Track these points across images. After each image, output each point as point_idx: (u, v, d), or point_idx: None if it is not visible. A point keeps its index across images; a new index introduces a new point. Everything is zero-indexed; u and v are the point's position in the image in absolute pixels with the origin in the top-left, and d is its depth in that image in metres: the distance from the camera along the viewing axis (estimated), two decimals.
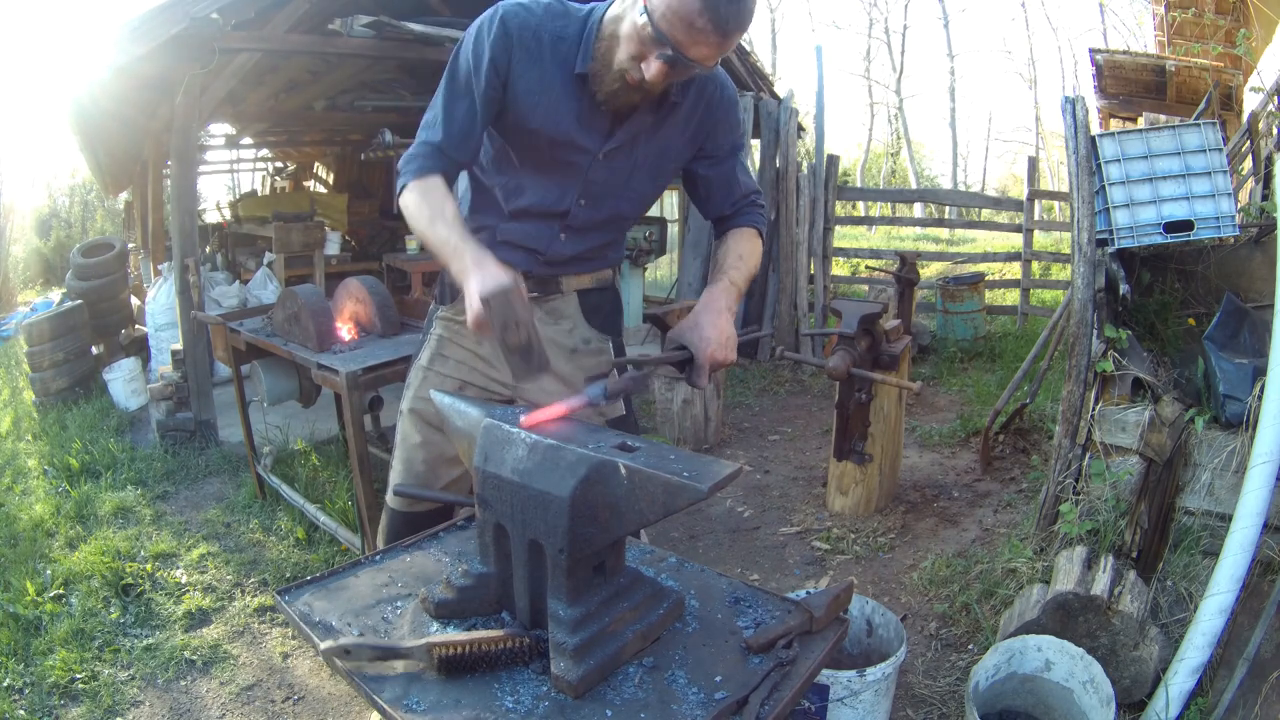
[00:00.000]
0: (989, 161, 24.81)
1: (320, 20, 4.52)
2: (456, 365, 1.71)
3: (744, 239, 1.63)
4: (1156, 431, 2.34)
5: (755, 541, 3.31)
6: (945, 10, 21.55)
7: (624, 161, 1.55)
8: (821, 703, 1.88)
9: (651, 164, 1.58)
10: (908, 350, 3.64)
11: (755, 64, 6.31)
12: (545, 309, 1.69)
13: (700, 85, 1.53)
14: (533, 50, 1.45)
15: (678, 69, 1.32)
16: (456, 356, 1.71)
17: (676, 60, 1.29)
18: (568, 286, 1.70)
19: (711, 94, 1.56)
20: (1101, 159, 2.66)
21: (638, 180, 1.59)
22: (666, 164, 1.60)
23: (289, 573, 3.03)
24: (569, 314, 1.71)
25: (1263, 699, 1.85)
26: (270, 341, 3.10)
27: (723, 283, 1.52)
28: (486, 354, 1.70)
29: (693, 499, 0.98)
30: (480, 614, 1.18)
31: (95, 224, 16.50)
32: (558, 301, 1.70)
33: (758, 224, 1.67)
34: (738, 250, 1.61)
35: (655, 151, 1.56)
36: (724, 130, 1.60)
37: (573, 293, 1.71)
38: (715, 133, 1.59)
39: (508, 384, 1.72)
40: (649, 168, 1.58)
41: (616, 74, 1.38)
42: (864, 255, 7.39)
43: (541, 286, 1.66)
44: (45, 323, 5.43)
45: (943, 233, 13.35)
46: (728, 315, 1.46)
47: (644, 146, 1.54)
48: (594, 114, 1.48)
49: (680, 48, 1.27)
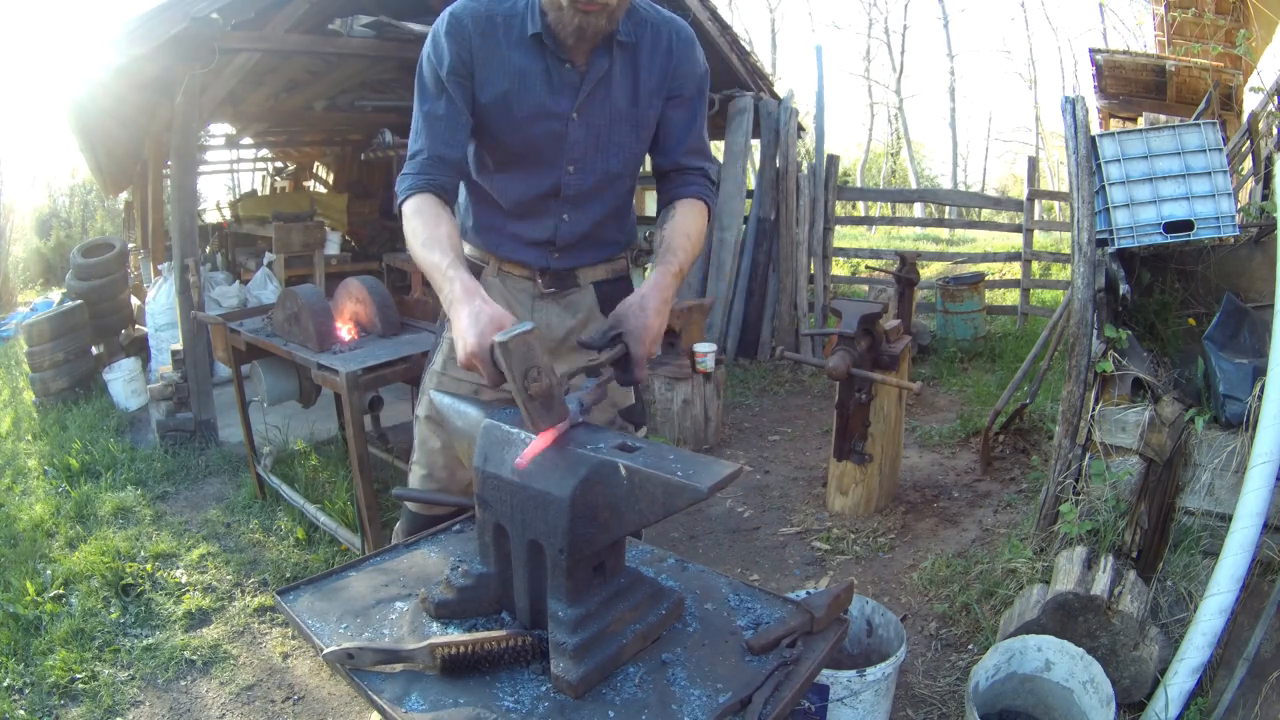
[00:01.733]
0: (989, 161, 24.84)
1: (320, 20, 4.52)
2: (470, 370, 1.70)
3: (694, 216, 1.58)
4: (1156, 431, 2.34)
5: (755, 541, 3.31)
6: (945, 10, 21.56)
7: (600, 114, 1.56)
8: (821, 703, 1.88)
9: (628, 109, 1.57)
10: (908, 350, 3.64)
11: (755, 64, 6.31)
12: (562, 304, 1.68)
13: (655, 29, 1.56)
14: (489, 35, 1.49)
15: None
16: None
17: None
18: (584, 279, 1.69)
19: (669, 36, 1.58)
20: (1101, 159, 2.66)
21: (619, 133, 1.58)
22: (642, 108, 1.58)
23: (289, 573, 3.03)
24: (585, 307, 1.71)
25: (1263, 699, 1.85)
26: (270, 341, 3.10)
27: (673, 269, 1.46)
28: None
29: (693, 499, 0.97)
30: (480, 614, 1.18)
31: (95, 224, 16.50)
32: (575, 295, 1.69)
33: (707, 198, 1.63)
34: (686, 229, 1.55)
35: (628, 95, 1.56)
36: (686, 68, 1.60)
37: (589, 285, 1.70)
38: (679, 72, 1.59)
39: None
40: (627, 116, 1.58)
41: (569, 10, 1.40)
42: (864, 255, 7.39)
43: (559, 281, 1.66)
44: (45, 323, 5.43)
45: (943, 233, 13.34)
46: (664, 309, 1.39)
47: (617, 91, 1.55)
48: (559, 76, 1.51)
49: None
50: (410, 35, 4.53)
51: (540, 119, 1.52)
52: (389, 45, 4.57)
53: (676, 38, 1.58)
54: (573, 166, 1.58)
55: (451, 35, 1.48)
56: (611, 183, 1.64)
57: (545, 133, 1.54)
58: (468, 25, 1.48)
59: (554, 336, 1.69)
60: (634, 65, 1.55)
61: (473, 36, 1.48)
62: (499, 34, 1.49)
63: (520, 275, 1.66)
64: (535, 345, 1.10)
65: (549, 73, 1.50)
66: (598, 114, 1.55)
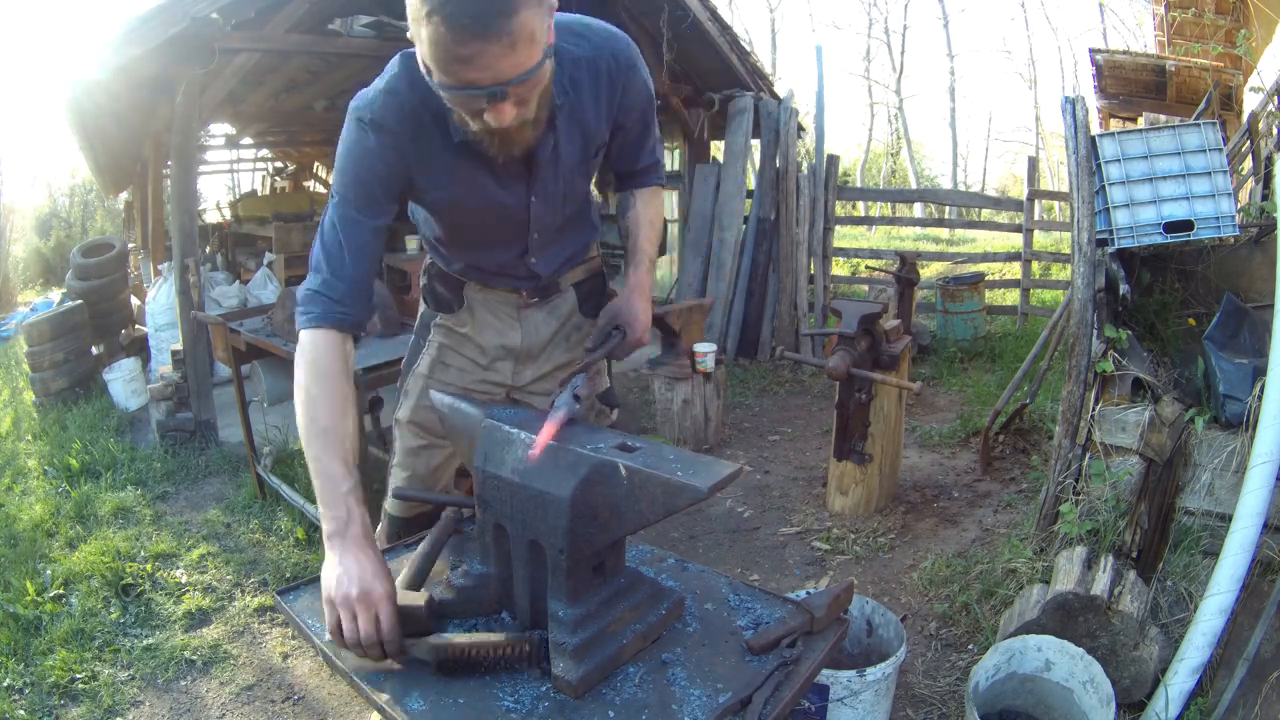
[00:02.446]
0: (989, 161, 24.84)
1: (320, 20, 4.53)
2: (459, 373, 1.71)
3: (652, 202, 1.68)
4: (1156, 431, 2.34)
5: (755, 541, 3.31)
6: (945, 10, 21.56)
7: (555, 184, 1.48)
8: (821, 703, 1.88)
9: (579, 162, 1.51)
10: (908, 350, 3.64)
11: (755, 64, 6.31)
12: (547, 309, 1.71)
13: (591, 65, 1.39)
14: (421, 138, 1.31)
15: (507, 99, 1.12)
16: (458, 365, 1.71)
17: (497, 93, 1.10)
18: (565, 283, 1.72)
19: (606, 67, 1.41)
20: (1101, 159, 2.66)
21: (574, 185, 1.54)
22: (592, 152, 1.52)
23: (289, 573, 3.03)
24: (567, 309, 1.74)
25: (1263, 699, 1.85)
26: (270, 341, 3.10)
27: (645, 264, 1.62)
28: (489, 361, 1.71)
29: (693, 499, 0.98)
30: (480, 614, 1.18)
31: (95, 224, 16.51)
32: (557, 299, 1.72)
33: (660, 180, 1.71)
34: (648, 217, 1.66)
35: (578, 150, 1.48)
36: (634, 94, 1.50)
37: (569, 288, 1.73)
38: (626, 101, 1.49)
39: (508, 387, 1.74)
40: (579, 167, 1.52)
41: (488, 137, 1.23)
42: (864, 255, 7.39)
43: (542, 292, 1.68)
44: (45, 323, 5.43)
45: (943, 233, 13.34)
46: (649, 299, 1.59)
47: (565, 157, 1.44)
48: (506, 170, 1.38)
49: (474, 83, 1.08)
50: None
51: (496, 213, 1.45)
52: (389, 45, 4.57)
53: (615, 65, 1.42)
54: (537, 234, 1.55)
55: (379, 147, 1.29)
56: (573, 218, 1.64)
57: (504, 221, 1.49)
58: (395, 130, 1.29)
59: (540, 340, 1.71)
60: (579, 116, 1.41)
61: (405, 144, 1.31)
62: (432, 134, 1.31)
63: (503, 290, 1.67)
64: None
65: (494, 169, 1.37)
66: (553, 186, 1.47)
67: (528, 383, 1.74)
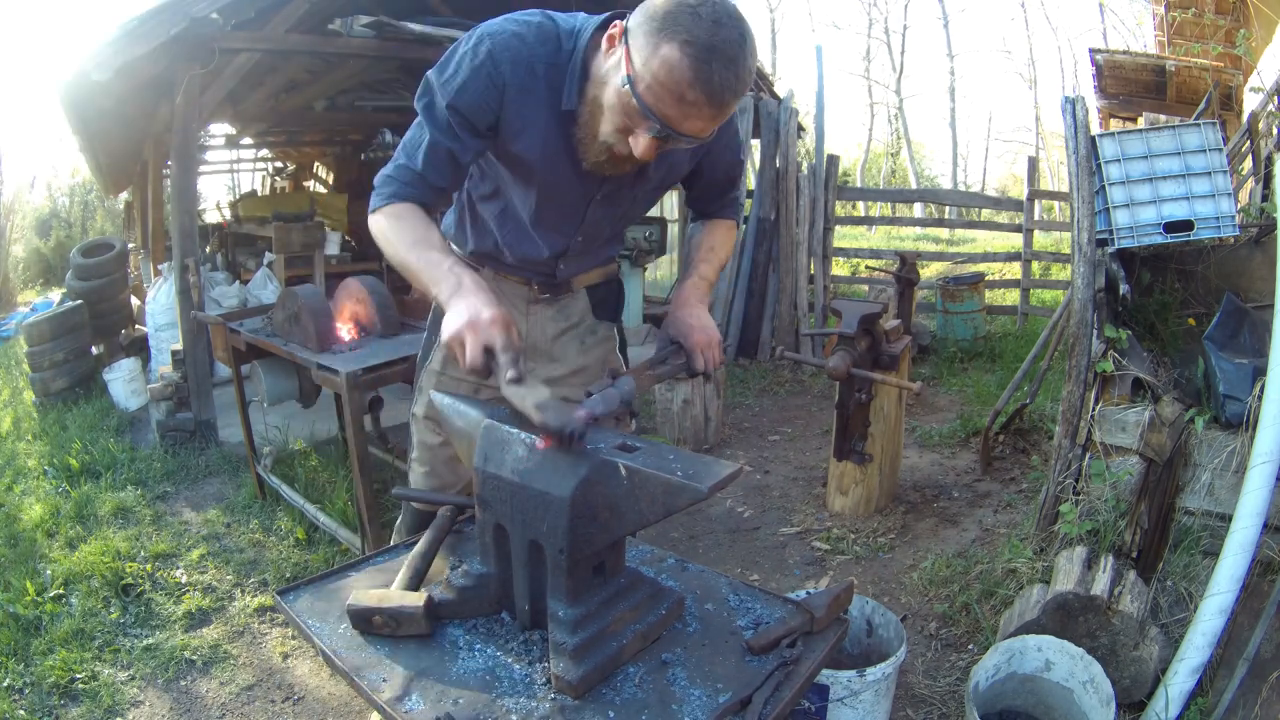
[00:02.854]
0: (989, 161, 24.86)
1: (320, 20, 4.52)
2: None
3: (719, 231, 1.65)
4: (1156, 431, 2.34)
5: (755, 541, 3.31)
6: (945, 10, 21.56)
7: (626, 197, 1.48)
8: (821, 703, 1.88)
9: (651, 192, 1.53)
10: (908, 350, 3.64)
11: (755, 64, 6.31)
12: (556, 307, 1.71)
13: None
14: (527, 85, 1.30)
15: (669, 143, 1.18)
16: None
17: (667, 135, 1.15)
18: (578, 285, 1.72)
19: None
20: (1101, 159, 2.66)
21: (639, 206, 1.57)
22: (668, 183, 1.55)
23: (289, 573, 3.03)
24: (578, 311, 1.74)
25: (1263, 699, 1.85)
26: (270, 341, 3.10)
27: (693, 278, 1.55)
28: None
29: (693, 499, 0.98)
30: (480, 614, 1.18)
31: (95, 224, 16.51)
32: (568, 299, 1.72)
33: (735, 216, 1.69)
34: (709, 243, 1.62)
35: (658, 180, 1.49)
36: (723, 147, 1.52)
37: (582, 290, 1.73)
38: (714, 150, 1.51)
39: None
40: (652, 193, 1.55)
41: (602, 146, 1.26)
42: (864, 255, 7.39)
43: (553, 289, 1.68)
44: (45, 323, 5.43)
45: (943, 233, 13.34)
46: (700, 308, 1.48)
47: (649, 180, 1.46)
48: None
49: (670, 123, 1.13)
50: (410, 35, 4.53)
51: (559, 194, 1.44)
52: (389, 45, 4.57)
53: None
54: (582, 237, 1.55)
55: (484, 78, 1.29)
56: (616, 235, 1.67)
57: (563, 206, 1.47)
58: (505, 72, 1.28)
59: (546, 337, 1.72)
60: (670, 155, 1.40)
61: (508, 87, 1.30)
62: (539, 89, 1.30)
63: (516, 281, 1.67)
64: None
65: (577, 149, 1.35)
66: (624, 198, 1.48)
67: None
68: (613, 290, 1.79)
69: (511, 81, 1.29)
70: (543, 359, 1.72)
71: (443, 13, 5.47)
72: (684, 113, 1.12)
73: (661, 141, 1.18)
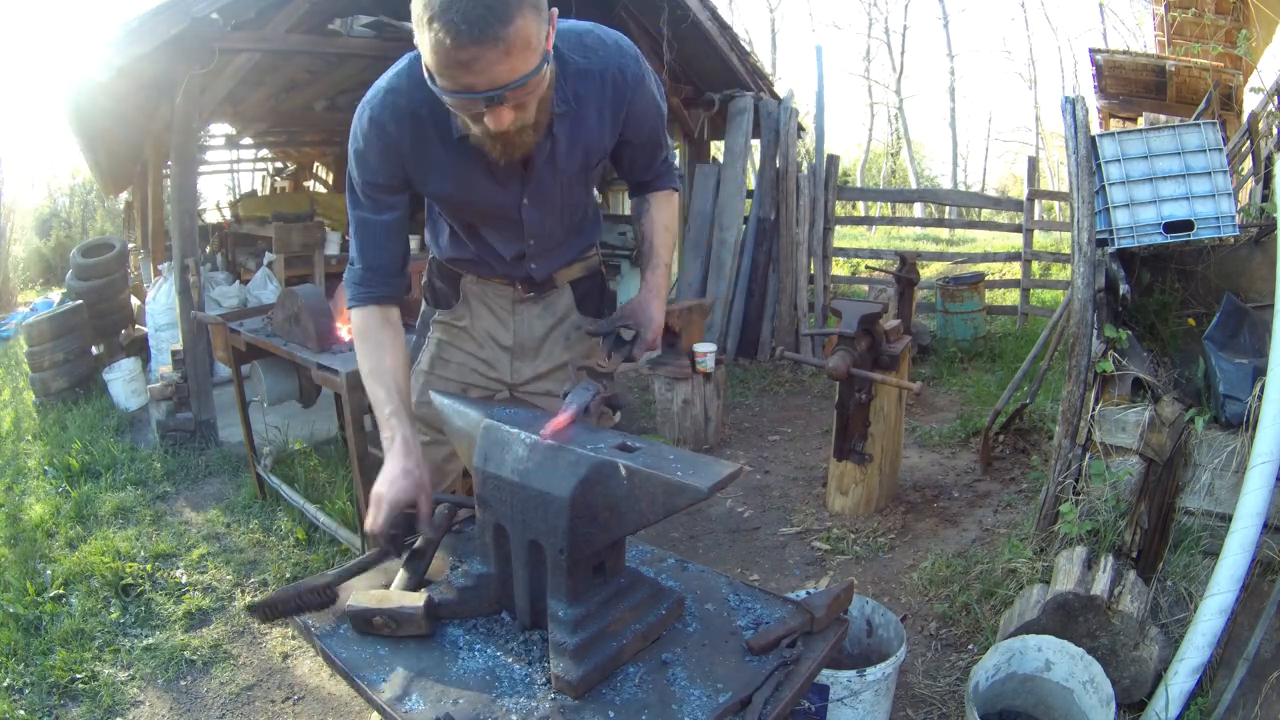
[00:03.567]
0: (989, 161, 24.83)
1: (320, 20, 4.52)
2: (458, 368, 1.72)
3: (665, 206, 1.67)
4: (1156, 431, 2.34)
5: (755, 542, 3.31)
6: (945, 10, 21.55)
7: (550, 189, 1.49)
8: (821, 703, 1.88)
9: (579, 173, 1.52)
10: (908, 350, 3.64)
11: (755, 64, 6.31)
12: (542, 304, 1.72)
13: (599, 79, 1.40)
14: (418, 137, 1.36)
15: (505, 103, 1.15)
16: (457, 360, 1.72)
17: (495, 98, 1.13)
18: (561, 280, 1.72)
19: (613, 81, 1.41)
20: (1101, 159, 2.66)
21: (572, 194, 1.56)
22: (592, 163, 1.53)
23: (289, 573, 3.03)
24: (563, 306, 1.74)
25: (1263, 699, 1.85)
26: (270, 341, 3.10)
27: (660, 268, 1.62)
28: (487, 356, 1.73)
29: (693, 499, 0.98)
30: (480, 614, 1.18)
31: (95, 224, 16.50)
32: (553, 296, 1.73)
33: (672, 182, 1.70)
34: (662, 221, 1.65)
35: (578, 163, 1.48)
36: (641, 111, 1.50)
37: (566, 285, 1.74)
38: (633, 117, 1.48)
39: (509, 384, 1.75)
40: (578, 177, 1.53)
41: (487, 140, 1.26)
42: (864, 255, 7.39)
43: (537, 287, 1.69)
44: (45, 323, 5.43)
45: (943, 233, 13.33)
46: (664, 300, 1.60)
47: (564, 164, 1.46)
48: (501, 169, 1.40)
49: (471, 88, 1.11)
50: (410, 35, 4.53)
51: (491, 212, 1.50)
52: (389, 45, 4.57)
53: (621, 79, 1.42)
54: (534, 240, 1.57)
55: (375, 142, 1.35)
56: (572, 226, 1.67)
57: (499, 218, 1.52)
58: (391, 131, 1.34)
59: (534, 336, 1.72)
60: (580, 127, 1.42)
61: (400, 142, 1.35)
62: (429, 133, 1.35)
63: (500, 283, 1.69)
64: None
65: (490, 168, 1.39)
66: (549, 191, 1.49)
67: (526, 380, 1.75)
68: (595, 284, 1.80)
69: (400, 135, 1.35)
70: (529, 357, 1.74)
71: None
72: (468, 70, 1.10)
73: (498, 107, 1.16)
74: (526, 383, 1.75)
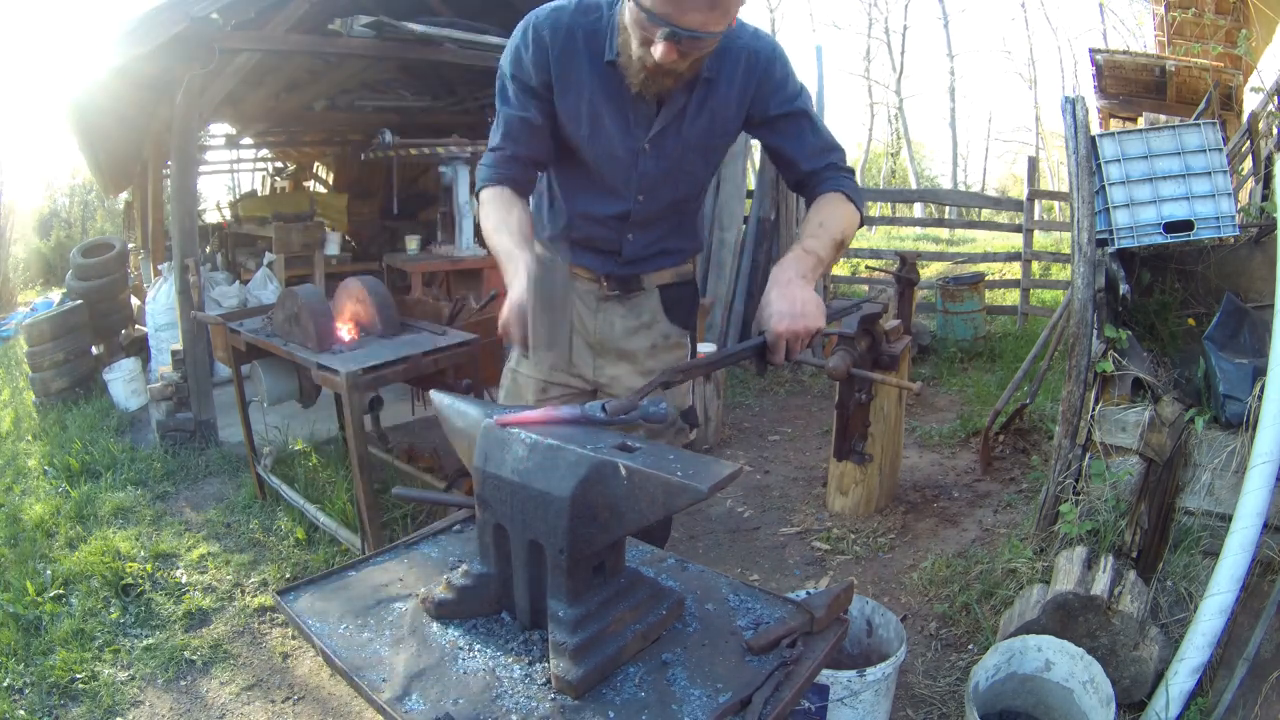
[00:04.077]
0: (989, 161, 24.83)
1: (320, 20, 4.52)
2: (536, 365, 1.73)
3: (827, 205, 1.53)
4: (1156, 431, 2.34)
5: (755, 542, 3.31)
6: (945, 10, 21.55)
7: (672, 146, 1.54)
8: (821, 703, 1.88)
9: (700, 142, 1.56)
10: (908, 350, 3.64)
11: None
12: (626, 306, 1.70)
13: (734, 51, 1.50)
14: (568, 51, 1.47)
15: (684, 44, 1.28)
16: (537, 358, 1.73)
17: (677, 35, 1.25)
18: (649, 283, 1.71)
19: (749, 57, 1.51)
20: (1101, 159, 2.66)
21: (689, 162, 1.58)
22: (716, 139, 1.59)
23: (289, 573, 3.03)
24: (650, 308, 1.72)
25: (1263, 699, 1.85)
26: (270, 341, 3.10)
27: (795, 251, 1.43)
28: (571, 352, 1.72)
29: (693, 499, 0.97)
30: (480, 614, 1.18)
31: (95, 224, 16.52)
32: (639, 298, 1.71)
33: (843, 188, 1.55)
34: (818, 219, 1.51)
35: (702, 129, 1.54)
36: (768, 90, 1.54)
37: (654, 288, 1.72)
38: (760, 94, 1.55)
39: (591, 380, 1.75)
40: (699, 147, 1.57)
41: (637, 63, 1.38)
42: (864, 255, 7.39)
43: (623, 285, 1.68)
44: (45, 323, 5.43)
45: (943, 233, 13.33)
46: (800, 283, 1.36)
47: (690, 126, 1.53)
48: (635, 103, 1.49)
49: (672, 20, 1.24)
50: (410, 35, 4.53)
51: (612, 146, 1.53)
52: (389, 45, 4.57)
53: (754, 59, 1.52)
54: (642, 196, 1.58)
55: (529, 47, 1.47)
56: (679, 206, 1.67)
57: (616, 160, 1.55)
58: (545, 38, 1.46)
59: (615, 336, 1.71)
60: (712, 96, 1.52)
61: (549, 50, 1.47)
62: (579, 51, 1.47)
63: (585, 278, 1.68)
64: (559, 282, 1.22)
65: (625, 101, 1.49)
66: (670, 146, 1.54)
67: (607, 382, 1.73)
68: (687, 292, 1.77)
69: (553, 44, 1.47)
70: (611, 357, 1.72)
71: (443, 13, 5.47)
72: (681, 8, 1.23)
73: (675, 44, 1.27)
74: (608, 385, 1.73)
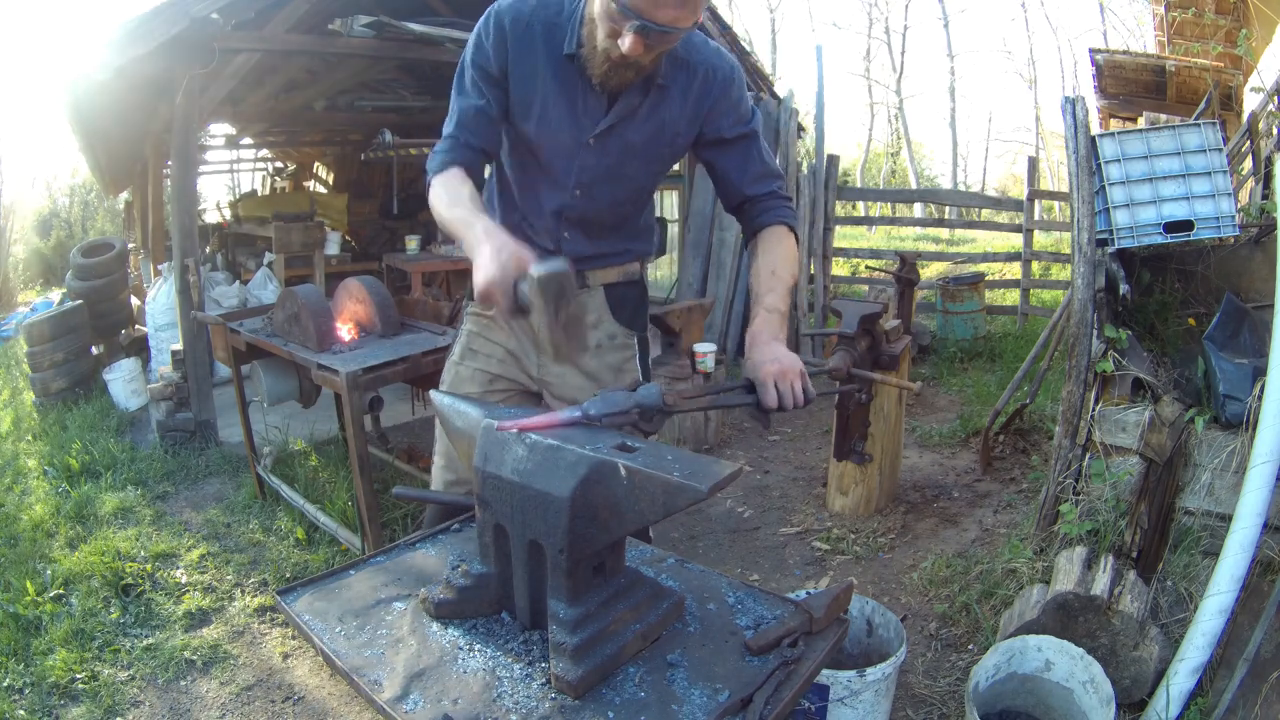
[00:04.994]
0: (989, 161, 24.82)
1: (320, 20, 4.52)
2: (486, 359, 1.73)
3: (773, 246, 1.57)
4: (1156, 431, 2.34)
5: (755, 541, 3.31)
6: (945, 10, 21.55)
7: (615, 145, 1.56)
8: (821, 703, 1.88)
9: (646, 148, 1.57)
10: (908, 350, 3.64)
11: (755, 64, 6.31)
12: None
13: (694, 66, 1.55)
14: (524, 42, 1.50)
15: (652, 38, 1.31)
16: (485, 350, 1.73)
17: (647, 29, 1.28)
18: (594, 281, 1.70)
19: (706, 73, 1.56)
20: (1101, 159, 2.66)
21: (630, 165, 1.59)
22: (663, 148, 1.60)
23: (289, 573, 3.03)
24: (594, 308, 1.72)
25: (1263, 699, 1.85)
26: (270, 341, 3.10)
27: (760, 316, 1.47)
28: (515, 349, 1.72)
29: (693, 499, 0.97)
30: (480, 614, 1.18)
31: (95, 224, 16.52)
32: (583, 296, 1.70)
33: (785, 219, 1.60)
34: (769, 266, 1.53)
35: (649, 134, 1.56)
36: (722, 109, 1.58)
37: (599, 287, 1.71)
38: (714, 113, 1.58)
39: (535, 377, 1.74)
40: (644, 153, 1.58)
41: (601, 55, 1.41)
42: (864, 255, 7.39)
43: None
44: (45, 323, 5.43)
45: (943, 233, 13.34)
46: (775, 343, 1.40)
47: (637, 129, 1.55)
48: (586, 98, 1.52)
49: (644, 15, 1.27)
50: (410, 35, 4.53)
51: (559, 135, 1.55)
52: (389, 45, 4.57)
53: (713, 77, 1.56)
54: (579, 191, 1.59)
55: (490, 34, 1.51)
56: (617, 209, 1.67)
57: (560, 148, 1.56)
58: (505, 26, 1.50)
59: None
60: (664, 104, 1.55)
61: (508, 39, 1.50)
62: (536, 43, 1.50)
63: None
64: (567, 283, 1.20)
65: (576, 95, 1.52)
66: (614, 145, 1.56)
67: (552, 381, 1.73)
68: (633, 292, 1.77)
69: (512, 32, 1.50)
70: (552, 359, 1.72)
71: (443, 13, 5.47)
72: (654, 3, 1.26)
73: (644, 37, 1.30)
74: (552, 384, 1.73)
